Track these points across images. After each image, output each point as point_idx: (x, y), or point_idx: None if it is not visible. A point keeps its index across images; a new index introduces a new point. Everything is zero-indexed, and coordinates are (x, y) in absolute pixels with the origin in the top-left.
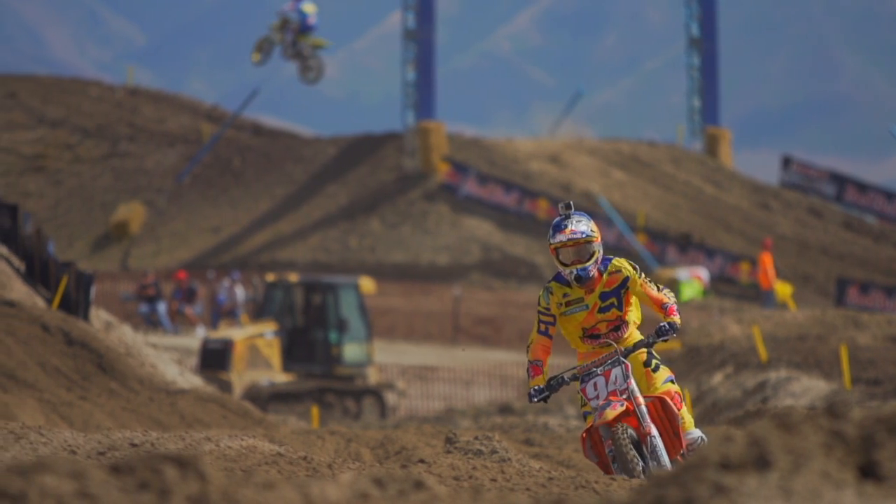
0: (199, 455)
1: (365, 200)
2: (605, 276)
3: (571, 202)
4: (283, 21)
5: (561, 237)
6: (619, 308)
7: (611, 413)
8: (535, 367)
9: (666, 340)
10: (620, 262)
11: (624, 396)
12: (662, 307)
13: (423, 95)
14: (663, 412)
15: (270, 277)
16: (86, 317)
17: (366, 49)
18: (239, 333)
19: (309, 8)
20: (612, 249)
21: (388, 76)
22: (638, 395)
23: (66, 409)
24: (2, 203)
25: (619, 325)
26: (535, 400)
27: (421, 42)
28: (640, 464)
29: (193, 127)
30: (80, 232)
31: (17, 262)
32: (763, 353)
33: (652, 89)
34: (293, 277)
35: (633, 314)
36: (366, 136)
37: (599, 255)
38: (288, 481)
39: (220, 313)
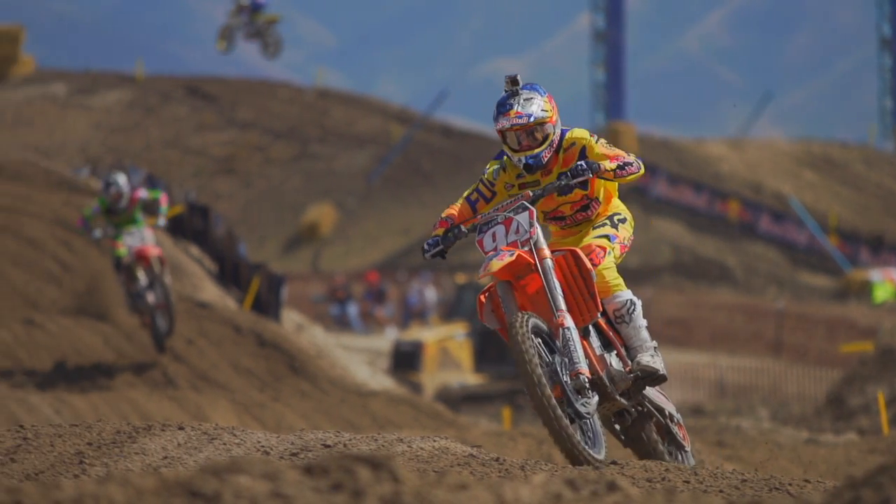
0: (391, 456)
1: None
2: (560, 154)
3: (518, 75)
4: (238, 6)
5: (504, 122)
6: (583, 186)
7: (496, 264)
8: (442, 221)
9: (582, 181)
10: (574, 133)
11: (525, 248)
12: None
13: (612, 96)
14: (575, 268)
15: (461, 279)
16: (277, 318)
17: (555, 50)
18: (430, 335)
19: None
20: (805, 251)
21: (578, 77)
22: (543, 246)
23: (259, 410)
24: (194, 205)
25: (587, 203)
26: (429, 254)
27: (610, 43)
28: (541, 367)
29: (383, 128)
30: (271, 233)
31: (209, 263)
32: None
33: (843, 90)
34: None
35: (607, 187)
36: None
37: (555, 136)
38: (481, 482)
39: (411, 315)
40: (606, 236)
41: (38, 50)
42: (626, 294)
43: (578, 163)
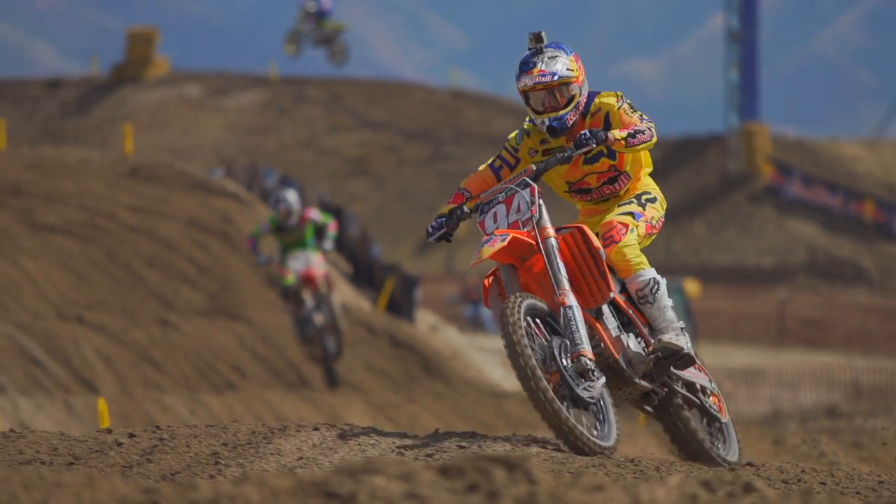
0: (526, 457)
1: (689, 202)
2: (587, 119)
3: (543, 32)
4: (304, 12)
5: (527, 80)
6: (611, 156)
7: (487, 251)
8: (458, 193)
9: (587, 153)
10: (602, 98)
11: (527, 228)
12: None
13: (746, 97)
14: (584, 246)
15: None
16: (411, 319)
17: (688, 51)
18: None
19: None
20: None
21: (712, 78)
22: (547, 224)
23: (393, 410)
24: (328, 206)
25: (615, 176)
26: (433, 238)
27: (744, 43)
28: (537, 352)
29: (516, 129)
30: (405, 234)
31: (343, 264)
32: None
33: None
34: None
35: (637, 160)
36: (689, 138)
37: (581, 97)
38: (616, 483)
39: None
40: (631, 213)
41: (172, 52)
42: (648, 273)
43: (583, 132)
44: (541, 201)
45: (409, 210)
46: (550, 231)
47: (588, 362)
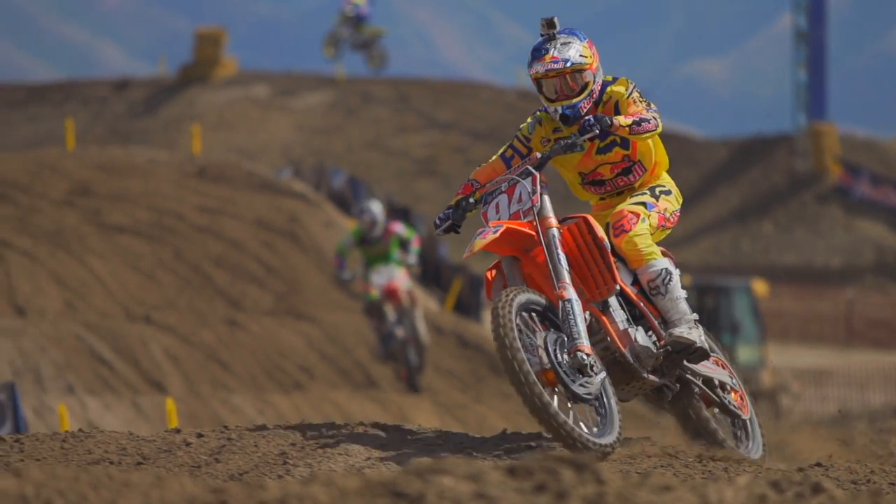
0: (595, 457)
1: (757, 202)
2: (600, 108)
3: (556, 18)
4: (343, 16)
5: (538, 67)
6: (625, 146)
7: (479, 243)
8: (467, 184)
9: (592, 139)
10: (615, 86)
11: (528, 218)
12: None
13: (814, 97)
14: (589, 236)
15: None
16: (479, 319)
17: (756, 50)
18: None
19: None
20: None
21: (779, 78)
22: (549, 214)
23: (461, 411)
24: (394, 206)
25: (629, 167)
26: (441, 230)
27: (812, 43)
28: (531, 349)
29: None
30: (472, 235)
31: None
32: None
33: None
34: (685, 280)
35: (650, 151)
36: (757, 138)
37: (595, 85)
38: (684, 484)
39: None
40: (643, 203)
41: (240, 52)
42: (660, 263)
43: (587, 118)
44: (543, 191)
45: (476, 210)
46: (552, 221)
47: (585, 357)
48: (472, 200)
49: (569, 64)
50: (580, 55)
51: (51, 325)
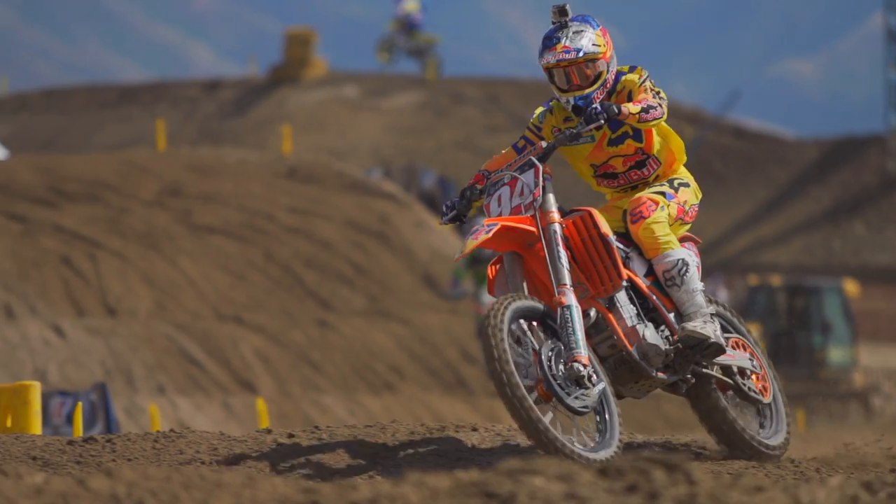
0: (686, 458)
1: (848, 202)
2: (613, 98)
3: (567, 5)
4: (396, 22)
5: (549, 57)
6: (637, 138)
7: (470, 244)
8: (477, 174)
9: (599, 127)
10: (628, 76)
11: (529, 212)
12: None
13: None
14: (594, 230)
15: (753, 280)
16: None
17: (848, 51)
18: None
19: (410, 7)
20: None
21: (871, 78)
22: (551, 209)
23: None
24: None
25: (643, 160)
26: (446, 219)
27: None
28: (523, 359)
29: (675, 129)
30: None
31: None
32: None
33: None
34: (776, 280)
35: (666, 145)
36: (848, 139)
37: (609, 75)
38: (776, 484)
39: None
40: (662, 192)
41: (330, 52)
42: (677, 253)
43: (593, 106)
44: (546, 183)
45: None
46: (555, 216)
47: (582, 369)
48: (477, 190)
49: (581, 53)
50: (593, 44)
51: (142, 326)
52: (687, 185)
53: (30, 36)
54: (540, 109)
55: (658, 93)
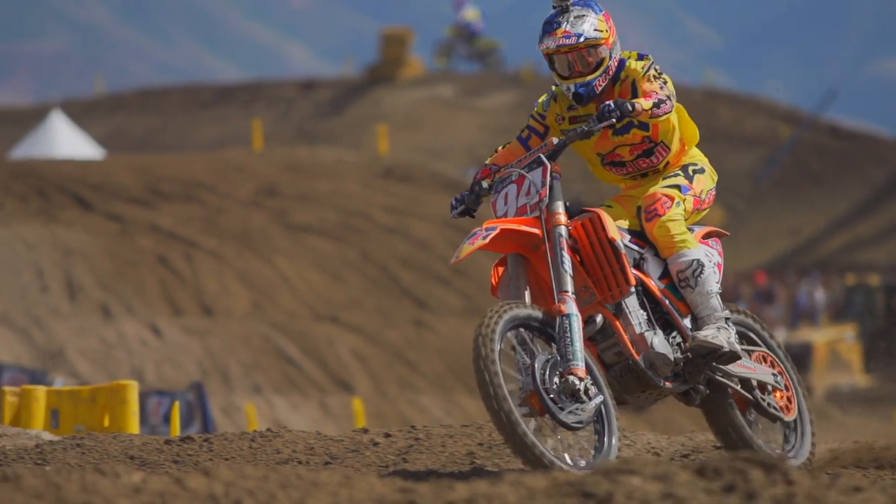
0: (784, 458)
1: None
2: (617, 86)
3: None
4: (455, 27)
5: (549, 42)
6: (643, 127)
7: (466, 249)
8: (484, 168)
9: (612, 126)
10: (633, 64)
11: (535, 213)
12: (645, 96)
13: None
14: (602, 233)
15: (850, 280)
16: None
17: None
18: (819, 336)
19: (470, 15)
20: None
21: None
22: (558, 210)
23: (647, 412)
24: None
25: (650, 148)
26: (455, 213)
27: None
28: (503, 385)
29: (771, 129)
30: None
31: None
32: None
33: None
34: (874, 280)
35: (678, 131)
36: None
37: (612, 61)
38: (875, 485)
39: (800, 316)
40: (677, 186)
41: (426, 52)
42: (692, 253)
43: (606, 103)
44: (554, 183)
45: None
46: (561, 218)
47: (577, 382)
48: (486, 186)
49: (582, 39)
50: (595, 29)
51: (238, 325)
52: (702, 170)
53: (125, 36)
54: (543, 97)
55: (665, 82)
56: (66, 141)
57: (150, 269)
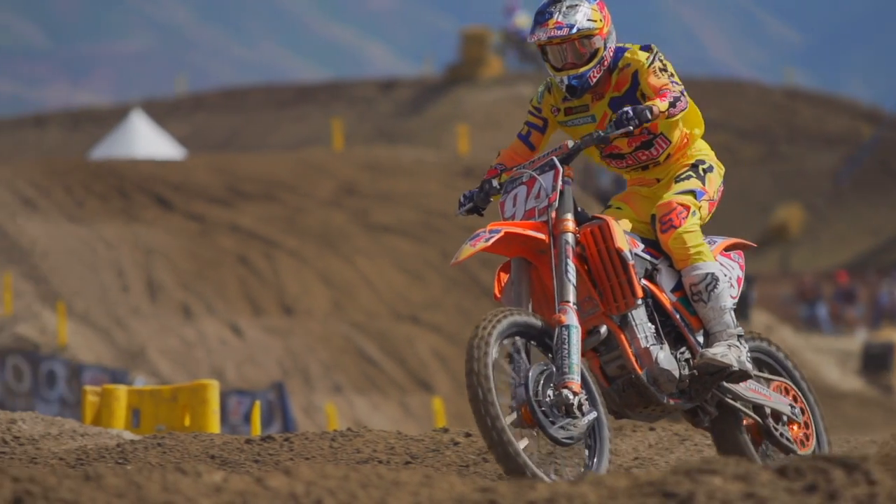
0: (866, 457)
1: None
2: (614, 75)
3: None
4: (504, 32)
5: (540, 33)
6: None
7: (466, 251)
8: (491, 168)
9: (630, 133)
10: (633, 53)
11: (543, 218)
12: (659, 94)
13: None
14: (611, 241)
15: None
16: (747, 319)
17: None
18: None
19: (522, 22)
20: None
21: None
22: (567, 216)
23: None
24: None
25: (649, 140)
26: (462, 211)
27: None
28: (493, 391)
29: (852, 128)
30: (739, 234)
31: None
32: None
33: None
34: None
35: (679, 122)
36: None
37: (606, 52)
38: None
39: (882, 315)
40: (692, 192)
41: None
42: (707, 266)
43: (625, 110)
44: (566, 187)
45: (743, 210)
46: (569, 224)
47: (571, 397)
48: (496, 184)
49: (574, 30)
50: (588, 19)
51: (319, 325)
52: (711, 167)
53: (206, 36)
54: (539, 89)
55: (672, 75)
56: (146, 141)
57: (230, 269)
